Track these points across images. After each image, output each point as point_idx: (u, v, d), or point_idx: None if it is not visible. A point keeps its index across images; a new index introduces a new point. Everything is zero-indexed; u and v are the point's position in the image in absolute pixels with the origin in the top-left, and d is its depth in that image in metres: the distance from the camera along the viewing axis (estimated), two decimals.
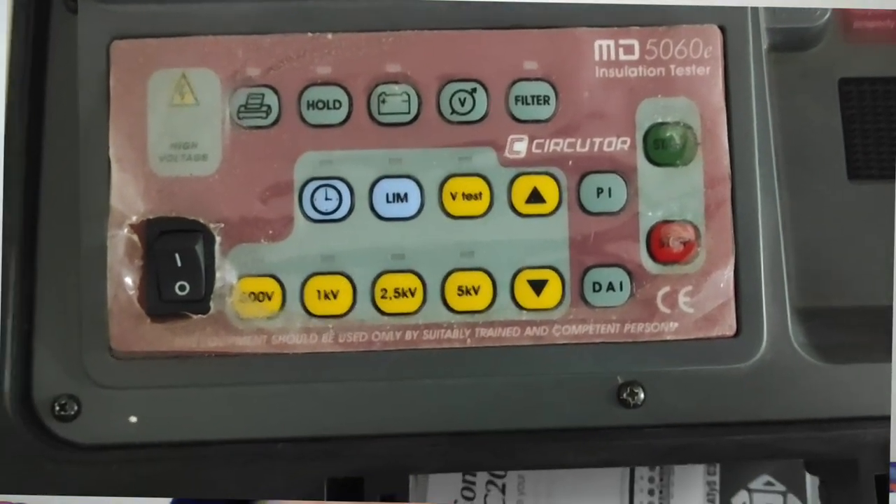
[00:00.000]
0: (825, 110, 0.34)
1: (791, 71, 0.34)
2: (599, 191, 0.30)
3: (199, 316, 0.29)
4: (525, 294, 0.30)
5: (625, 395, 0.30)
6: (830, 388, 0.31)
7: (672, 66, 0.31)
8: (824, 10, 0.34)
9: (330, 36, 0.30)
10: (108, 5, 0.30)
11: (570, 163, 0.30)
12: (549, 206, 0.30)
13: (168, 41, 0.30)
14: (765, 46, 0.33)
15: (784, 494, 0.32)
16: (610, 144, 0.30)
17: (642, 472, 0.32)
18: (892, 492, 0.33)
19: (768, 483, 0.32)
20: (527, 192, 0.30)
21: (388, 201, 0.30)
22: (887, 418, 0.31)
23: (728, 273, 0.30)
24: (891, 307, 0.32)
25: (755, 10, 0.32)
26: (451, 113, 0.30)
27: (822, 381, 0.31)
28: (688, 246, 0.30)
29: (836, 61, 0.34)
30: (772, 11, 0.34)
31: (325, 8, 0.30)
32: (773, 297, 0.31)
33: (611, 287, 0.30)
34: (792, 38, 0.34)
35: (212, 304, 0.29)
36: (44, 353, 0.30)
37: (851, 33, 0.36)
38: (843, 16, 0.35)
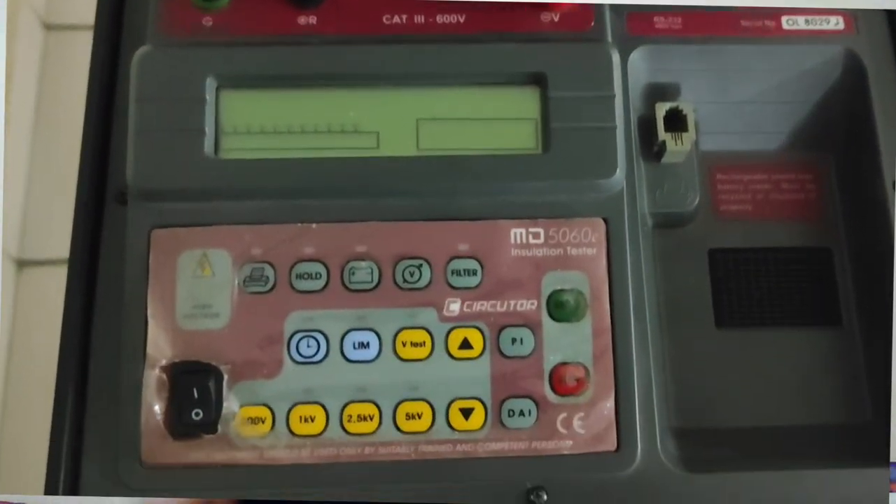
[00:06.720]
0: (698, 273, 0.45)
1: (670, 243, 0.45)
2: (514, 340, 0.40)
3: (209, 436, 0.38)
4: (457, 419, 0.39)
5: (532, 497, 0.39)
6: (695, 494, 0.40)
7: (568, 248, 0.41)
8: (695, 196, 0.45)
9: (314, 226, 0.40)
10: (150, 203, 0.40)
11: (492, 319, 0.40)
12: (475, 351, 0.40)
13: (194, 230, 0.40)
14: (651, 224, 0.44)
15: None
16: (522, 305, 0.40)
17: None
18: (893, 492, 0.37)
19: None
20: (459, 341, 0.40)
21: (354, 348, 0.39)
22: None
23: (610, 403, 0.40)
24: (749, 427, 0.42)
25: (636, 201, 0.43)
26: (404, 282, 0.40)
27: (687, 488, 0.40)
28: (580, 382, 0.40)
29: (706, 235, 0.45)
30: (653, 200, 0.44)
31: (311, 205, 0.41)
32: (646, 421, 0.40)
33: (522, 413, 0.39)
34: (670, 218, 0.44)
35: (219, 426, 0.38)
36: (90, 465, 0.39)
37: (719, 213, 0.46)
38: (712, 199, 0.46)
